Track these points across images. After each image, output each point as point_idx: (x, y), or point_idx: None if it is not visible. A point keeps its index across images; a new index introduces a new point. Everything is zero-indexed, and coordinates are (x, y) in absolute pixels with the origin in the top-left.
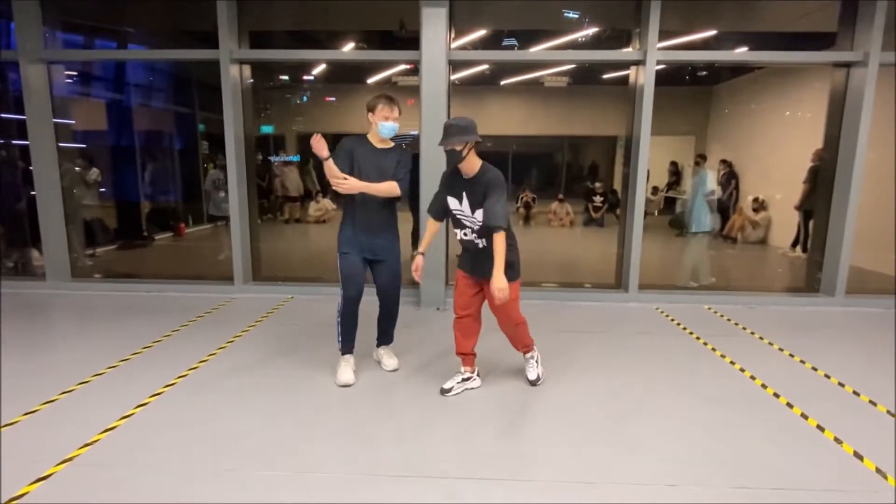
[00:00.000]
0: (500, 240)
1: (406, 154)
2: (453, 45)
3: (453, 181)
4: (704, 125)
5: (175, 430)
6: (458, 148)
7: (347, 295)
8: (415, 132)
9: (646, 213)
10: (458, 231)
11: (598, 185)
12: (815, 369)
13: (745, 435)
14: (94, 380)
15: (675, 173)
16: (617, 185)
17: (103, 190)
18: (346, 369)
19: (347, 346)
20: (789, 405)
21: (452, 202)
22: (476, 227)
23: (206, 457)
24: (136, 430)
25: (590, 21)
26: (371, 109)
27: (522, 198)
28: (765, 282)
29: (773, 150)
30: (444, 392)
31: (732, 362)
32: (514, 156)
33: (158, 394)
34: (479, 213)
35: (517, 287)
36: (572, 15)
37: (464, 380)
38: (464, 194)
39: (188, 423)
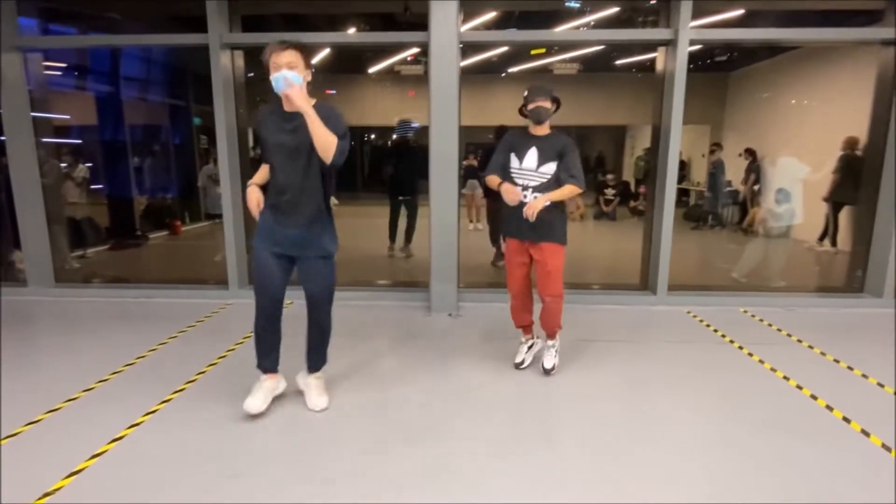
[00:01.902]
0: (570, 189)
1: (329, 110)
2: (462, 28)
3: (519, 139)
4: (720, 113)
5: (169, 457)
6: (549, 106)
7: (259, 304)
8: (415, 123)
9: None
10: None
11: (609, 177)
12: (881, 385)
13: (816, 470)
14: (81, 397)
15: (680, 164)
16: (628, 177)
17: (100, 187)
18: (256, 394)
19: (265, 362)
20: (865, 433)
21: (514, 161)
22: (536, 184)
23: (207, 486)
24: (128, 456)
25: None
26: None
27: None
28: (799, 280)
29: (796, 138)
30: (518, 366)
31: (786, 377)
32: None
33: (153, 411)
34: (547, 167)
35: (563, 253)
36: (574, 4)
37: (529, 348)
38: (532, 150)
39: (183, 449)
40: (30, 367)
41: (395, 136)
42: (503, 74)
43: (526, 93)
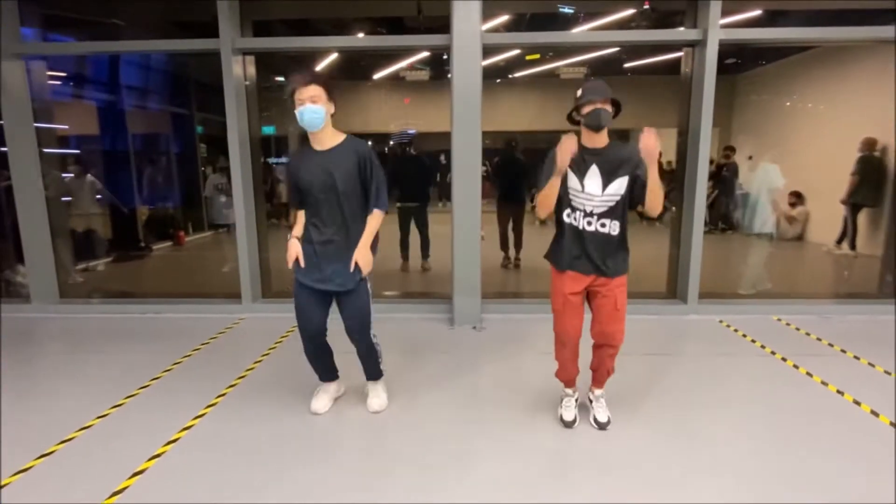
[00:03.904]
0: (659, 193)
1: (362, 147)
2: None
3: (576, 155)
4: (729, 116)
5: (198, 484)
6: (609, 108)
7: (303, 337)
8: (412, 130)
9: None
10: (568, 212)
11: None
12: None
13: (885, 493)
14: (95, 424)
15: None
16: None
17: (99, 197)
18: (320, 396)
19: (324, 377)
20: None
21: (572, 181)
22: (603, 210)
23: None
24: (165, 474)
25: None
26: (291, 102)
27: (536, 195)
28: (826, 285)
29: (810, 140)
30: (570, 425)
31: (840, 391)
32: (526, 152)
33: (173, 441)
34: (615, 187)
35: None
36: (568, 10)
37: (576, 401)
38: (593, 169)
39: (212, 475)
40: (43, 389)
41: (392, 143)
42: (498, 81)
43: (579, 93)
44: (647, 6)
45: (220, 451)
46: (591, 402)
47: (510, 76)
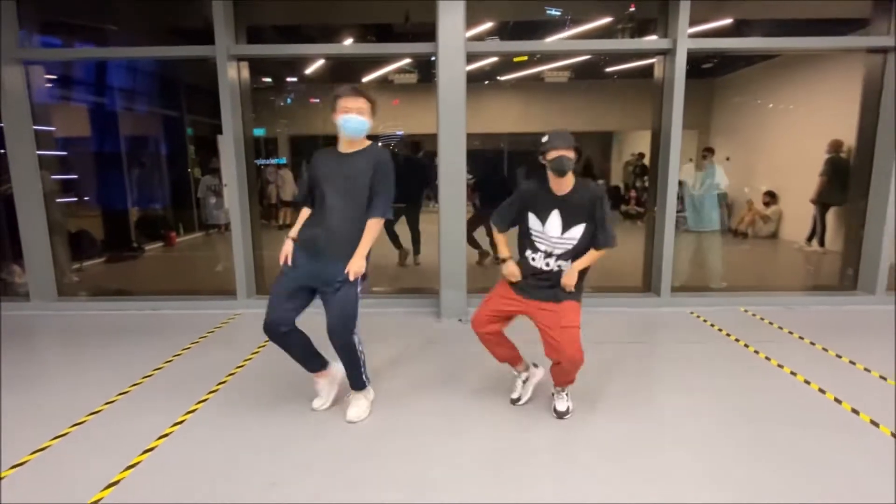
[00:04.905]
0: (601, 253)
1: (382, 156)
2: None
3: (539, 199)
4: (707, 118)
5: (193, 477)
6: (572, 156)
7: (264, 323)
8: (400, 132)
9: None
10: (528, 253)
11: (599, 182)
12: (883, 378)
13: (838, 464)
14: (92, 419)
15: (642, 168)
16: (617, 181)
17: (72, 199)
18: (319, 395)
19: (308, 367)
20: (874, 423)
21: (533, 222)
22: (561, 251)
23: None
24: (145, 480)
25: (607, 10)
26: (333, 107)
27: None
28: (793, 279)
29: (783, 142)
30: (514, 402)
31: (794, 373)
32: (510, 154)
33: (166, 435)
34: (574, 232)
35: (579, 311)
36: (554, 12)
37: (524, 381)
38: (554, 213)
39: (206, 468)
40: (46, 382)
41: (380, 146)
42: (486, 83)
43: (545, 139)
44: (632, 8)
45: (218, 436)
46: (552, 395)
47: (499, 78)
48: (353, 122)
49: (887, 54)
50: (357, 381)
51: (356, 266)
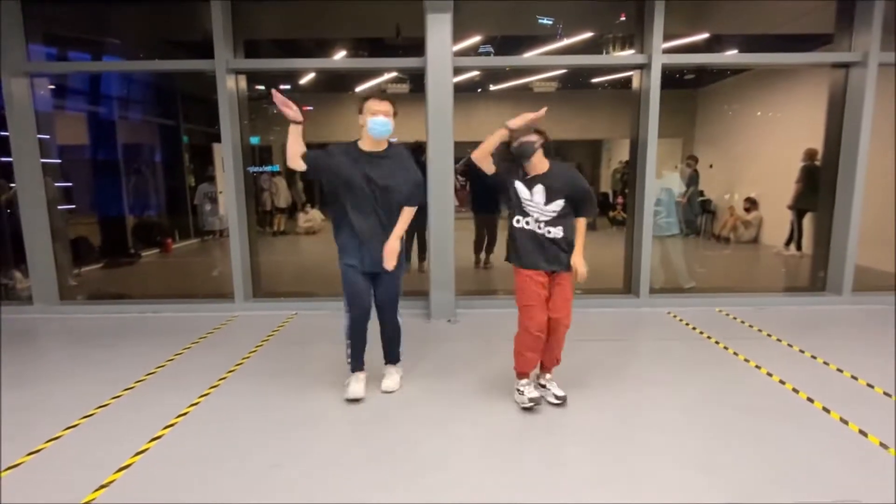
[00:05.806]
0: (585, 224)
1: (405, 152)
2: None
3: (522, 175)
4: (691, 128)
5: (195, 465)
6: (533, 139)
7: (353, 315)
8: (393, 139)
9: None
10: (519, 218)
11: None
12: (840, 370)
13: (790, 445)
14: (99, 412)
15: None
16: (605, 188)
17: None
18: (355, 386)
19: (357, 365)
20: (826, 409)
21: (522, 190)
22: (548, 219)
23: (230, 492)
24: (154, 466)
25: (588, 25)
26: (360, 109)
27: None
28: (768, 282)
29: (762, 150)
30: (536, 401)
31: (758, 367)
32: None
33: (171, 425)
34: (555, 206)
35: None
36: (546, 21)
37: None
38: (538, 187)
39: (207, 458)
40: (51, 380)
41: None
42: (479, 91)
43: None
44: (623, 18)
45: (221, 425)
46: (543, 386)
47: (491, 87)
48: (381, 124)
49: (849, 69)
50: (396, 353)
51: (391, 245)
